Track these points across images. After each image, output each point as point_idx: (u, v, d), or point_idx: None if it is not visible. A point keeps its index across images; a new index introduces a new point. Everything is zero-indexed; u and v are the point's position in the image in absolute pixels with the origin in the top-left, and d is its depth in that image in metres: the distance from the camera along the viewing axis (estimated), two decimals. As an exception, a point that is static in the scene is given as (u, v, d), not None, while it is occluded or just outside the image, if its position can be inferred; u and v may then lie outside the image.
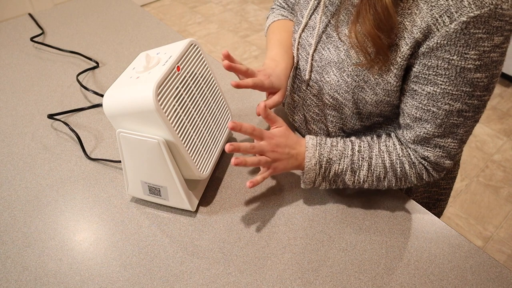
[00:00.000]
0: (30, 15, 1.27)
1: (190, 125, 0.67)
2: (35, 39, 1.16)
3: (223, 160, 0.82)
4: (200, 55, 0.72)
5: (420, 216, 0.72)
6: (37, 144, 0.85)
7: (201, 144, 0.70)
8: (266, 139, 0.66)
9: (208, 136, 0.72)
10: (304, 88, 0.79)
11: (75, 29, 1.22)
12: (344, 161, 0.67)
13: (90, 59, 1.09)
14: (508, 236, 1.66)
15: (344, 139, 0.70)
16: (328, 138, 0.70)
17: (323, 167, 0.67)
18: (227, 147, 0.61)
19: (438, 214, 0.92)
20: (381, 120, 0.73)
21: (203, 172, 0.69)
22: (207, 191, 0.76)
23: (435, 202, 0.89)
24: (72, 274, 0.64)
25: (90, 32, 1.21)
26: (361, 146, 0.68)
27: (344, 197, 0.75)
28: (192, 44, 0.70)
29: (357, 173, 0.68)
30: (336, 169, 0.67)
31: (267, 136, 0.66)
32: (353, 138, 0.70)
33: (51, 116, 0.90)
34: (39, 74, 1.05)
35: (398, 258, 0.66)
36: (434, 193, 0.87)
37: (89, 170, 0.80)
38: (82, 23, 1.25)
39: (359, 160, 0.67)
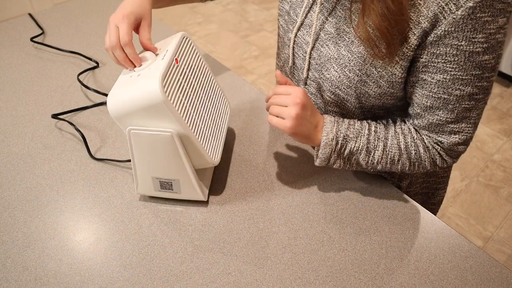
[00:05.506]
0: (30, 15, 1.27)
1: (195, 115, 0.68)
2: (35, 39, 1.16)
3: (223, 160, 0.82)
4: (193, 47, 0.74)
5: (420, 216, 0.72)
6: (37, 144, 0.85)
7: (208, 132, 0.71)
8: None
9: (212, 123, 0.73)
10: (302, 86, 0.79)
11: (75, 29, 1.22)
12: (360, 140, 0.68)
13: (90, 59, 1.09)
14: (508, 236, 1.66)
15: (361, 120, 0.71)
16: (345, 118, 0.70)
17: (339, 144, 0.67)
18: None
19: (438, 203, 0.93)
20: (381, 113, 0.74)
21: (214, 159, 0.70)
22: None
23: (434, 191, 0.90)
24: (72, 274, 0.64)
25: (90, 32, 1.21)
26: (377, 127, 0.69)
27: (344, 197, 0.75)
28: (184, 37, 0.71)
29: (372, 153, 0.68)
30: (352, 147, 0.68)
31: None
32: (369, 120, 0.71)
33: (55, 116, 0.90)
34: (39, 74, 1.05)
35: (398, 258, 0.66)
36: (432, 183, 0.88)
37: (89, 170, 0.80)
38: (82, 23, 1.25)
39: (375, 140, 0.68)
